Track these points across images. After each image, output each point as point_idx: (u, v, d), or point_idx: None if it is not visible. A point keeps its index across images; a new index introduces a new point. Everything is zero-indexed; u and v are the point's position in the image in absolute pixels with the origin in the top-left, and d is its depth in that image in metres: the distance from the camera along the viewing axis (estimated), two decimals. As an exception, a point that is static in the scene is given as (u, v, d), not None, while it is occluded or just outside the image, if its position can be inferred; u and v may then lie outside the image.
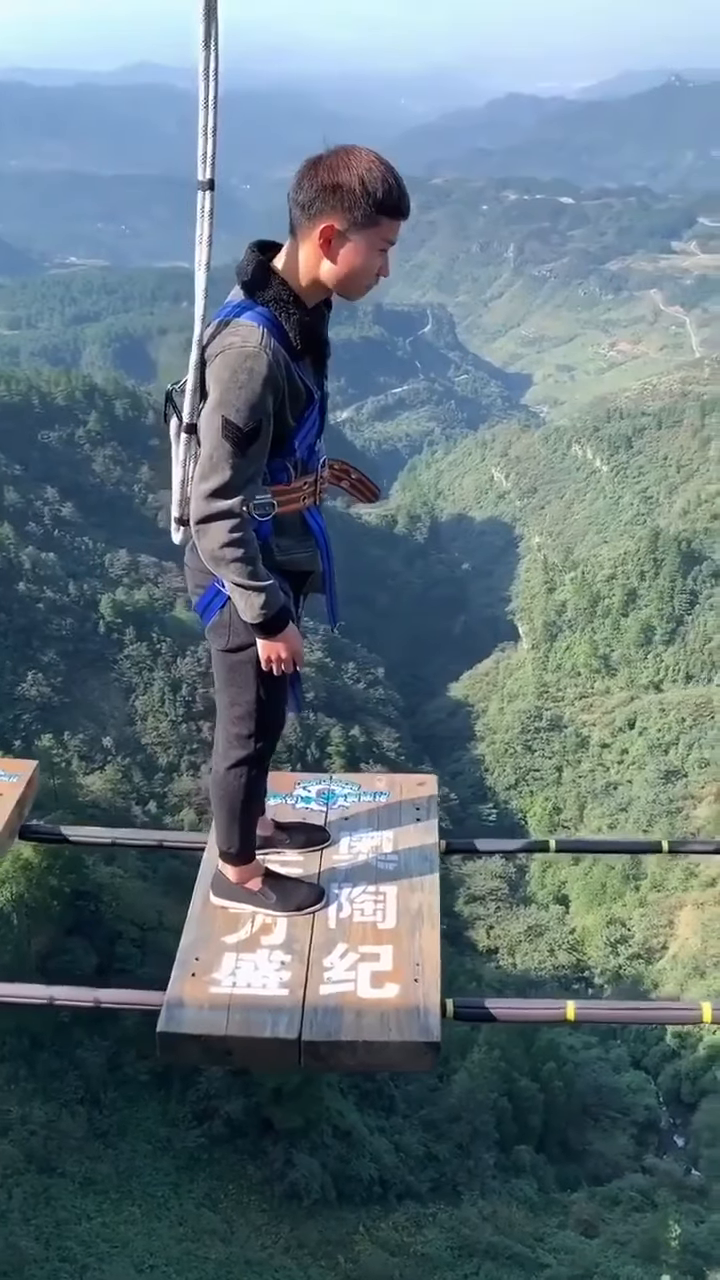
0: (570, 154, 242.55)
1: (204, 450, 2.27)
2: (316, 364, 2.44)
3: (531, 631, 72.36)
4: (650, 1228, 27.12)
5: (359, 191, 2.22)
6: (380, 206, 2.25)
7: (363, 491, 2.74)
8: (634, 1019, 2.63)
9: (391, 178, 2.26)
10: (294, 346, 2.31)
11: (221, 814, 2.65)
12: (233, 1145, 24.25)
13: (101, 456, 70.92)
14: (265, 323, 2.27)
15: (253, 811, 2.66)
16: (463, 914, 47.17)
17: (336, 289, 2.36)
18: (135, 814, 37.63)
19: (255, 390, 2.22)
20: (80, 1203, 21.37)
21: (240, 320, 2.28)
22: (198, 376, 2.31)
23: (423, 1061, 2.34)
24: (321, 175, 2.25)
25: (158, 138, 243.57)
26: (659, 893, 48.11)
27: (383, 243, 2.32)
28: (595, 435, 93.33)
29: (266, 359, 2.23)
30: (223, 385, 2.24)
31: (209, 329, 2.32)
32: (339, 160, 2.25)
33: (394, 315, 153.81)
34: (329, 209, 2.24)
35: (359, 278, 2.34)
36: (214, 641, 2.55)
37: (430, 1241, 24.67)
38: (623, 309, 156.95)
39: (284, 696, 2.63)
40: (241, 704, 2.55)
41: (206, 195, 2.26)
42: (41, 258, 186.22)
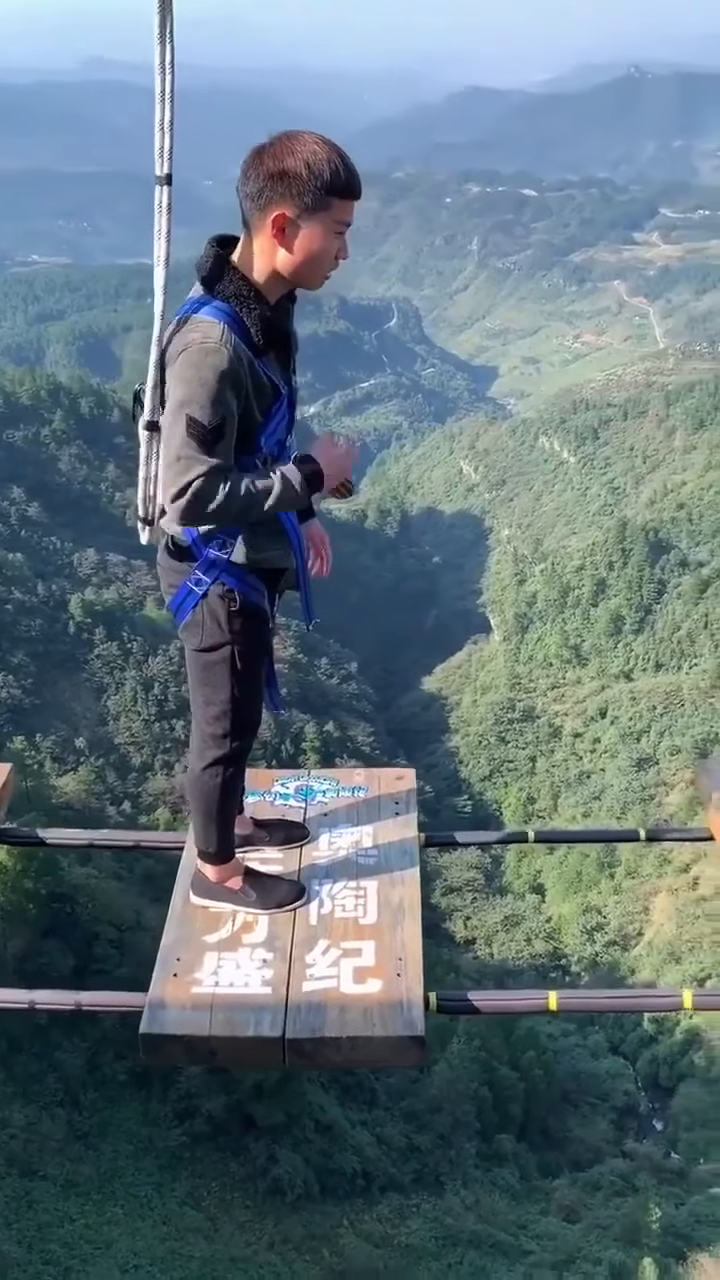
0: (532, 146, 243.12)
1: (169, 452, 2.23)
2: (282, 359, 2.41)
3: (503, 623, 72.64)
4: (631, 1211, 27.32)
5: (305, 175, 2.19)
6: (329, 188, 2.21)
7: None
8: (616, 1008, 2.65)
9: (337, 158, 2.22)
10: (255, 342, 2.28)
11: (199, 814, 2.63)
12: (215, 1143, 24.20)
13: (67, 455, 70.40)
14: (225, 318, 2.24)
15: (230, 810, 2.64)
16: (440, 905, 47.30)
17: (294, 278, 2.32)
18: (110, 814, 37.42)
19: (218, 386, 2.19)
20: (62, 1205, 21.24)
21: (200, 316, 2.26)
22: (158, 374, 2.29)
23: (408, 1056, 2.34)
24: (267, 164, 2.22)
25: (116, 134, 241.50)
26: (634, 879, 48.49)
27: (337, 225, 2.27)
28: (562, 427, 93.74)
29: (228, 354, 2.21)
30: (185, 383, 2.21)
31: (170, 326, 2.29)
32: (282, 147, 2.22)
33: (359, 309, 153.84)
34: (278, 197, 2.21)
35: (317, 264, 2.30)
36: (188, 641, 2.53)
37: (414, 1232, 24.75)
38: (587, 300, 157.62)
39: (259, 695, 2.62)
40: (217, 703, 2.53)
41: (164, 190, 2.23)
42: (2, 256, 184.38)
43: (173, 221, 2.26)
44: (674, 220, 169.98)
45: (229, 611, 2.44)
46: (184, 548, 2.43)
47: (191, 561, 2.43)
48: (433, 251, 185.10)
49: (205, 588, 2.42)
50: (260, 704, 2.64)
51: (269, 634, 2.59)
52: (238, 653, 2.48)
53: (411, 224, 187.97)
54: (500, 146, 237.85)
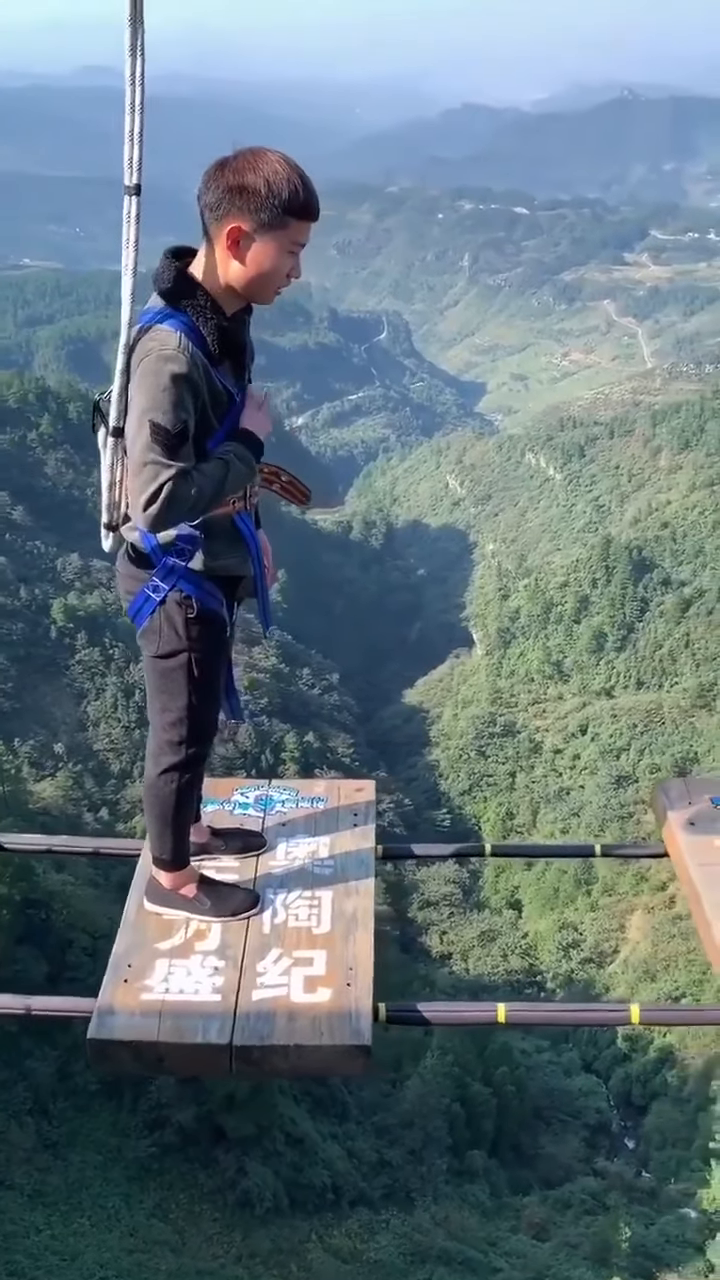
0: (524, 165, 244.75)
1: (134, 459, 2.26)
2: (237, 369, 2.45)
3: (485, 638, 72.79)
4: (601, 1230, 27.31)
5: (264, 193, 2.23)
6: (287, 207, 2.25)
7: (293, 494, 2.75)
8: (565, 1020, 2.68)
9: (298, 179, 2.26)
10: (212, 351, 2.32)
11: (153, 820, 2.64)
12: (184, 1154, 24.07)
13: (54, 460, 70.22)
14: (182, 328, 2.29)
15: (185, 818, 2.65)
16: (416, 919, 47.24)
17: (244, 291, 2.36)
18: (87, 821, 37.26)
19: (176, 391, 2.24)
20: (29, 1215, 21.06)
21: (159, 326, 2.30)
22: (123, 381, 2.32)
23: (354, 1065, 2.35)
24: (227, 177, 2.25)
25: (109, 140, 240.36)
26: (610, 897, 48.55)
27: (292, 245, 2.32)
28: (548, 444, 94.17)
29: (184, 360, 2.25)
30: (145, 391, 2.25)
31: (133, 334, 2.33)
32: (245, 162, 2.26)
33: (350, 322, 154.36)
34: (235, 210, 2.25)
35: (267, 280, 2.34)
36: (145, 648, 2.55)
37: (383, 1248, 24.65)
38: (576, 319, 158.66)
39: (216, 702, 2.63)
40: (173, 710, 2.55)
41: (133, 200, 2.27)
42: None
43: (140, 231, 2.29)
44: (664, 242, 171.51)
45: (186, 618, 2.46)
46: (143, 554, 2.45)
47: (150, 569, 2.45)
48: (424, 266, 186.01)
49: (163, 594, 2.45)
50: (217, 711, 2.66)
51: (227, 641, 2.60)
52: (195, 660, 2.49)
53: (403, 238, 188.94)
54: (493, 163, 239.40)
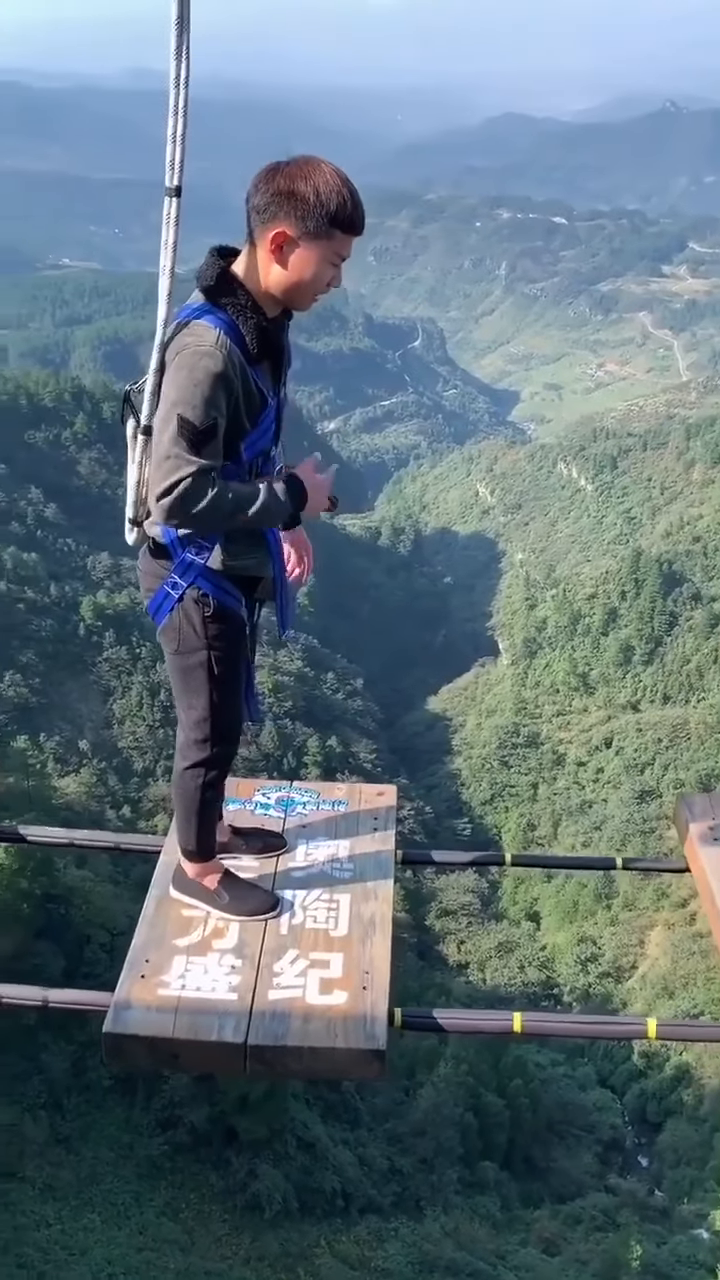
0: (564, 175, 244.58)
1: (159, 451, 2.27)
2: (274, 371, 2.45)
3: (511, 647, 72.58)
4: (611, 1248, 27.08)
5: (313, 201, 2.24)
6: (333, 219, 2.26)
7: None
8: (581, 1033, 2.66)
9: (347, 191, 2.27)
10: (250, 351, 2.32)
11: (180, 812, 2.67)
12: (195, 1154, 24.09)
13: (87, 459, 70.80)
14: (222, 325, 2.29)
15: (210, 812, 2.67)
16: (434, 928, 47.11)
17: (283, 296, 2.36)
18: (109, 818, 37.42)
19: (209, 388, 2.24)
20: (40, 1209, 21.15)
21: (198, 322, 2.31)
22: (157, 379, 2.33)
23: (368, 1069, 2.35)
24: (278, 181, 2.27)
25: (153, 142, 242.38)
26: (630, 911, 48.22)
27: (334, 256, 2.33)
28: (581, 454, 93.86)
29: (221, 358, 2.25)
30: (178, 385, 2.25)
31: (169, 331, 2.34)
32: (297, 169, 2.27)
33: (385, 328, 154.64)
34: (282, 215, 2.26)
35: (307, 287, 2.35)
36: (165, 645, 2.56)
37: (391, 1256, 24.55)
38: (612, 330, 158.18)
39: (239, 702, 2.63)
40: (197, 708, 2.56)
41: (174, 202, 2.28)
42: (33, 258, 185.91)
43: (180, 233, 2.31)
44: (702, 255, 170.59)
45: (204, 617, 2.47)
46: (162, 546, 2.47)
47: (169, 561, 2.46)
48: (460, 274, 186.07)
49: (181, 591, 2.46)
50: (241, 710, 2.66)
51: (246, 641, 2.61)
52: (214, 658, 2.50)
53: (440, 246, 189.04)
54: (533, 173, 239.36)
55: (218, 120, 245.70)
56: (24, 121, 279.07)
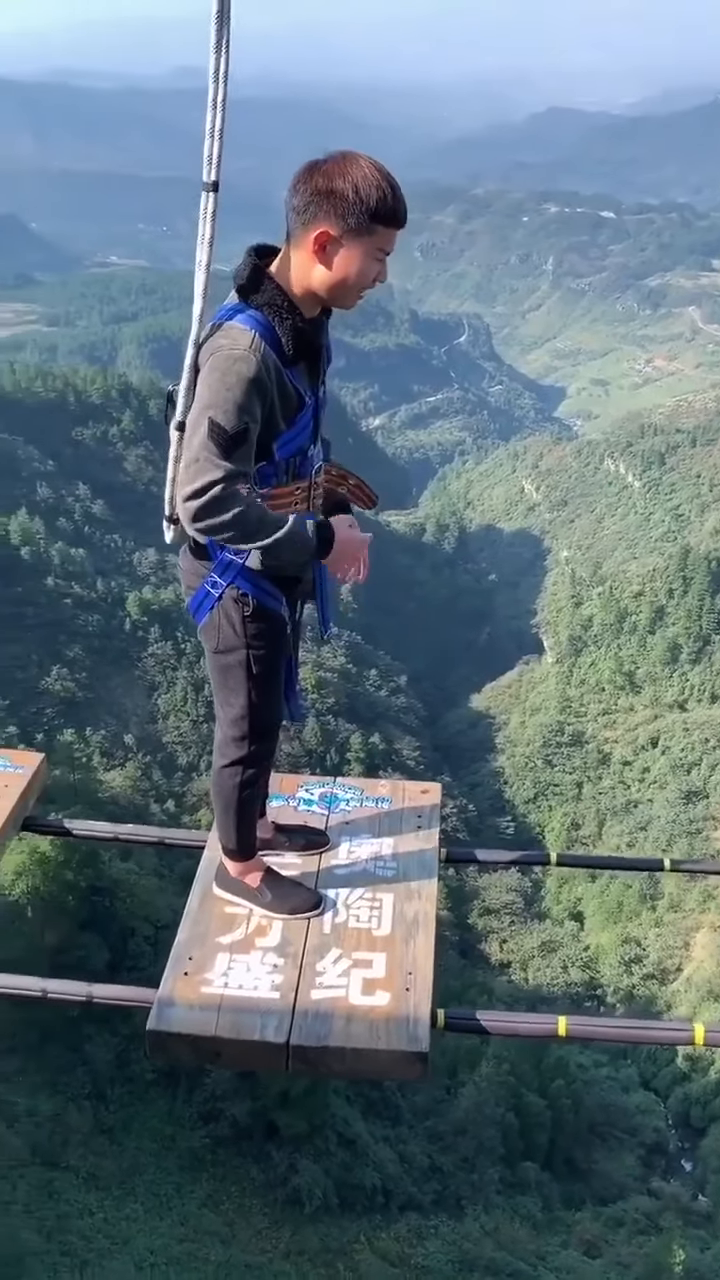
0: (612, 169, 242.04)
1: (189, 453, 2.25)
2: (312, 370, 2.43)
3: (556, 645, 72.09)
4: (654, 1251, 26.84)
5: (353, 198, 2.20)
6: (375, 214, 2.22)
7: (360, 498, 2.73)
8: (627, 1038, 2.62)
9: (387, 185, 2.23)
10: (286, 352, 2.30)
11: (219, 811, 2.66)
12: (237, 1147, 24.24)
13: (134, 455, 71.42)
14: (257, 326, 2.26)
15: (250, 810, 2.66)
16: (476, 926, 46.97)
17: (327, 296, 2.33)
18: (154, 811, 37.78)
19: (242, 392, 2.21)
20: (83, 1197, 21.42)
21: (232, 323, 2.28)
22: (192, 377, 2.32)
23: (410, 1071, 2.32)
24: (317, 180, 2.23)
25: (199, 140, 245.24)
26: (676, 913, 47.73)
27: (378, 251, 2.29)
28: (628, 450, 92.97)
29: (255, 361, 2.22)
30: (210, 387, 2.23)
31: (205, 332, 2.32)
32: (335, 166, 2.23)
33: (430, 324, 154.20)
34: (323, 214, 2.23)
35: (351, 286, 2.31)
36: (205, 643, 2.55)
37: (431, 1254, 24.54)
38: (660, 325, 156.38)
39: (277, 700, 2.61)
40: (235, 706, 2.55)
41: (210, 197, 2.25)
42: (82, 256, 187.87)
43: (217, 228, 2.29)
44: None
45: (243, 616, 2.45)
46: (202, 545, 2.46)
47: (209, 561, 2.45)
48: (507, 269, 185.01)
49: (220, 591, 2.44)
50: (279, 709, 2.64)
51: (287, 640, 2.59)
52: (253, 657, 2.49)
53: (487, 241, 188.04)
54: (580, 167, 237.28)
55: (263, 119, 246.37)
56: (72, 122, 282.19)
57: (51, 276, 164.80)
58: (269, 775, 2.78)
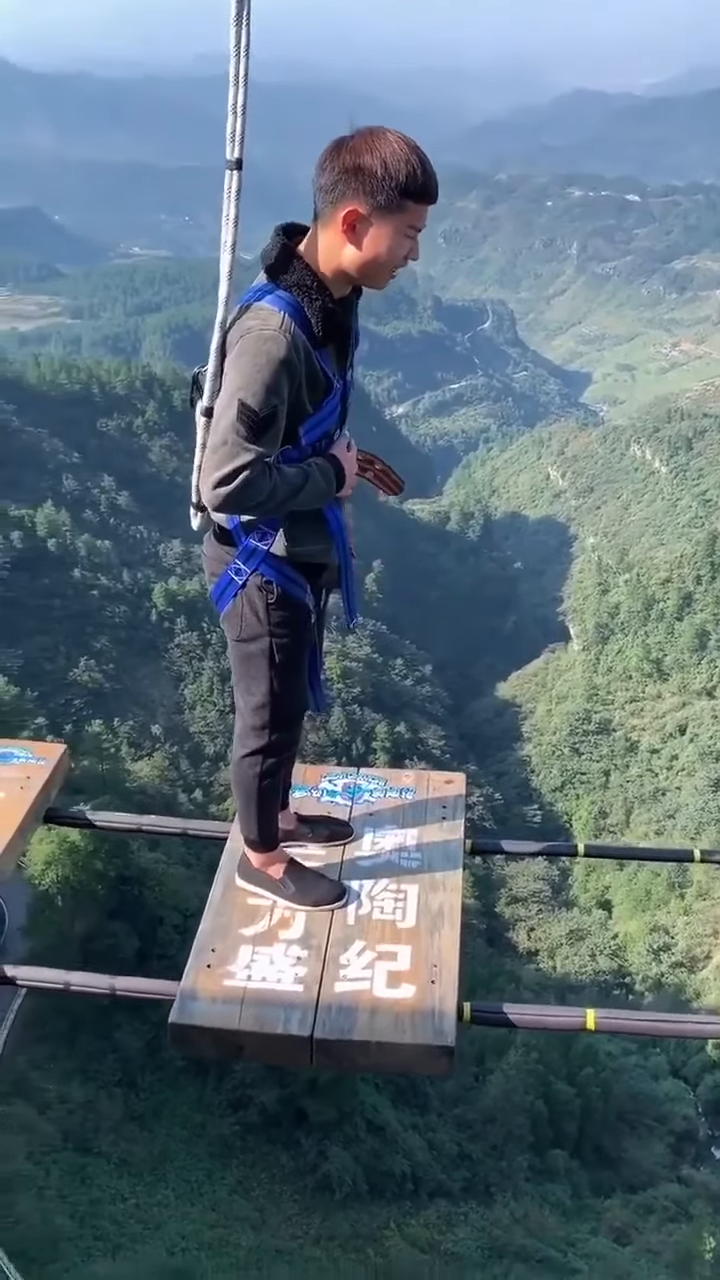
0: (637, 151, 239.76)
1: (216, 436, 2.21)
2: (340, 353, 2.38)
3: (583, 633, 71.74)
4: (684, 1239, 26.78)
5: (381, 174, 2.14)
6: (404, 190, 2.16)
7: (386, 483, 2.68)
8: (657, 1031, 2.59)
9: (417, 160, 2.16)
10: (315, 333, 2.25)
11: (240, 800, 2.63)
12: (266, 1134, 24.38)
13: (158, 446, 71.61)
14: (286, 307, 2.21)
15: (271, 800, 2.62)
16: (504, 915, 46.92)
17: (359, 275, 2.27)
18: (181, 801, 37.95)
19: (272, 374, 2.16)
20: (115, 1183, 21.62)
21: (261, 304, 2.23)
22: (219, 360, 2.28)
23: (436, 1065, 2.29)
24: (344, 157, 2.16)
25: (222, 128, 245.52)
26: (705, 901, 47.46)
27: (409, 229, 2.22)
28: (655, 436, 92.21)
29: (285, 342, 2.17)
30: (239, 369, 2.19)
31: (233, 313, 2.28)
32: (363, 142, 2.17)
33: (454, 310, 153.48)
34: (351, 192, 2.16)
35: (383, 264, 2.25)
36: (228, 630, 2.51)
37: (461, 1241, 24.60)
38: (686, 308, 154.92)
39: (300, 689, 2.57)
40: (257, 695, 2.51)
41: (234, 175, 2.20)
42: (105, 248, 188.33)
43: (240, 208, 2.24)
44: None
45: (267, 603, 2.41)
46: (227, 532, 2.42)
47: (234, 547, 2.42)
48: (531, 254, 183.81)
49: (245, 578, 2.40)
50: (303, 698, 2.60)
51: (311, 628, 2.55)
52: (276, 645, 2.45)
53: (511, 226, 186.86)
54: (605, 150, 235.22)
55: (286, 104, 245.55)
56: (92, 112, 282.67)
57: (75, 269, 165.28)
58: (291, 766, 2.75)
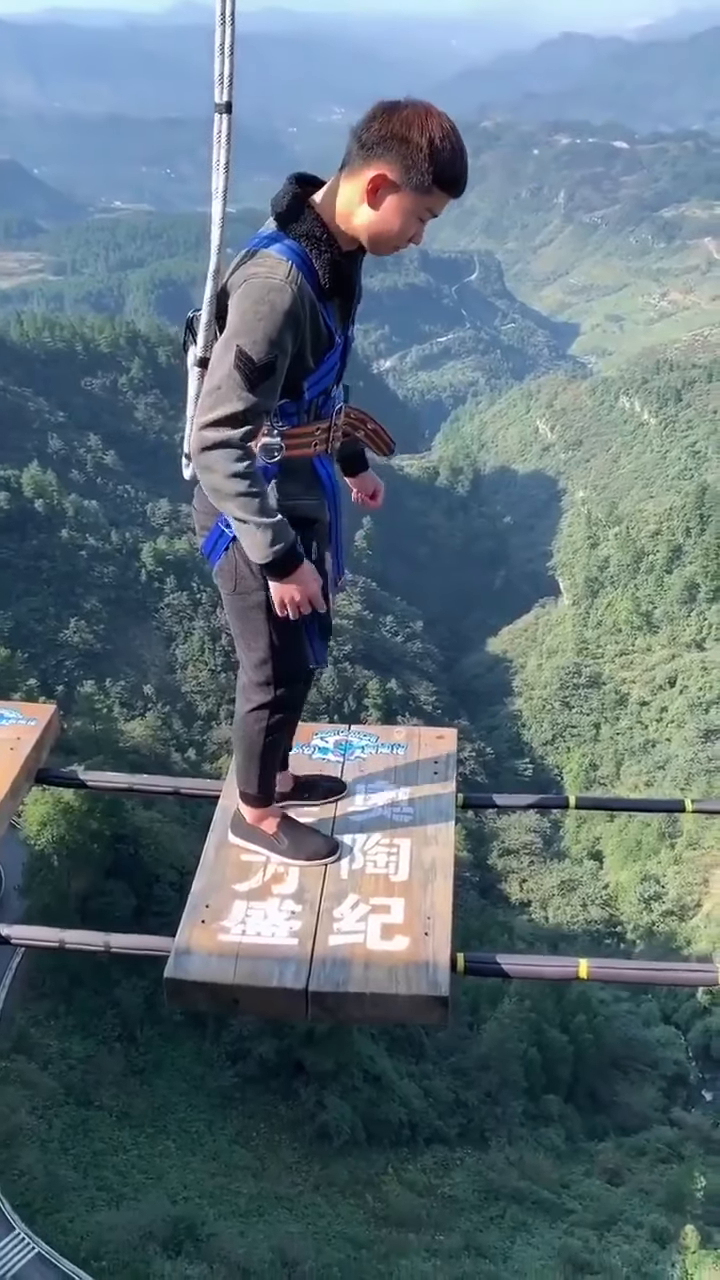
0: (625, 96, 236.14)
1: (211, 380, 2.17)
2: (344, 308, 2.34)
3: (573, 587, 71.80)
4: (676, 1179, 27.43)
5: (425, 153, 2.11)
6: (439, 176, 2.13)
7: (377, 443, 2.65)
8: (648, 979, 2.62)
9: (460, 151, 2.14)
10: (322, 286, 2.21)
11: (241, 756, 2.62)
12: (265, 1085, 24.77)
13: (144, 404, 70.95)
14: (294, 257, 2.17)
15: (272, 756, 2.62)
16: (496, 867, 47.41)
17: (366, 238, 2.23)
18: (175, 760, 38.10)
19: (275, 324, 2.12)
20: (117, 1135, 22.00)
21: (268, 251, 2.18)
22: (214, 309, 2.23)
23: (431, 1015, 2.31)
24: (394, 124, 2.11)
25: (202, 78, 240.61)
26: (694, 850, 48.00)
27: (426, 212, 2.20)
28: (644, 387, 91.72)
29: (291, 293, 2.13)
30: (241, 315, 2.14)
31: (236, 259, 2.23)
32: (416, 115, 2.12)
33: (441, 262, 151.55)
34: (390, 157, 2.12)
35: (392, 236, 2.22)
36: (222, 585, 2.49)
37: (457, 1185, 25.15)
38: (675, 258, 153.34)
39: (301, 643, 2.55)
40: (257, 649, 2.49)
41: (224, 119, 2.15)
42: (85, 202, 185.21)
43: (233, 152, 2.19)
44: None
45: None
46: None
47: None
48: (518, 204, 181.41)
49: (235, 531, 2.39)
50: (304, 652, 2.58)
51: None
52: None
53: (498, 176, 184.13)
54: (592, 96, 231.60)
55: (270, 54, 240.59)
56: (72, 62, 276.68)
57: (56, 224, 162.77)
58: (296, 722, 2.74)
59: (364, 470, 2.75)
